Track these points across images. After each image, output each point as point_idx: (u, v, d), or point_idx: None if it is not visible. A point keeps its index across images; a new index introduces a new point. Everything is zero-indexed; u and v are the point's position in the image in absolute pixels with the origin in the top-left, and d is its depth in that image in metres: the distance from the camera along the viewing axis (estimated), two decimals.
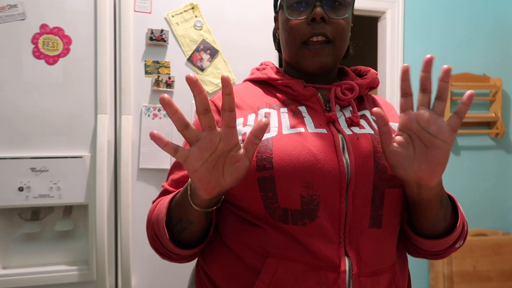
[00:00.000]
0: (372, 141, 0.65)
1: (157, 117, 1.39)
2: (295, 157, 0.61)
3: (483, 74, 2.27)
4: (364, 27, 2.57)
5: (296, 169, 0.61)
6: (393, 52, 2.15)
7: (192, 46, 1.42)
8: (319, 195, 0.61)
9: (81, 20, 1.32)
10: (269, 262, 0.61)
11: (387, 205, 0.64)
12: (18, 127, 1.28)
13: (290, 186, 0.61)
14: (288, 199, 0.61)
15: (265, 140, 0.64)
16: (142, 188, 1.38)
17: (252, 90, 0.76)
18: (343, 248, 0.61)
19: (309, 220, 0.61)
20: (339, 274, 0.59)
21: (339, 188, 0.61)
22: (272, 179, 0.61)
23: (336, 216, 0.61)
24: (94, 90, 1.33)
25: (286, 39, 0.73)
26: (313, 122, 0.67)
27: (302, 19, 0.69)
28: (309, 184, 0.61)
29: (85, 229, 1.37)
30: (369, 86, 0.76)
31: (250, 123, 0.67)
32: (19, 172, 1.26)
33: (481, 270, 2.11)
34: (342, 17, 0.70)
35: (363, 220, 0.62)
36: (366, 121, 0.70)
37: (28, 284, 1.28)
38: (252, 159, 0.62)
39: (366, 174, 0.62)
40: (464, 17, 2.24)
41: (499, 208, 2.32)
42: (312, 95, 0.71)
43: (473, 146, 2.28)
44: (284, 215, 0.61)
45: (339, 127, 0.67)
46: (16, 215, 1.33)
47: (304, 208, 0.61)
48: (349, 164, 0.62)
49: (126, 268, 1.31)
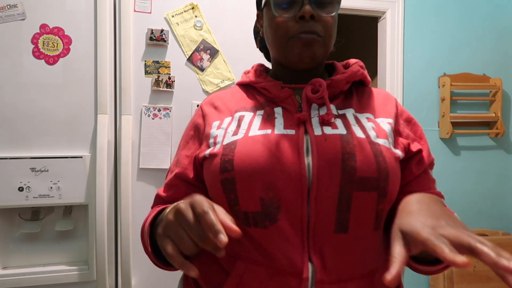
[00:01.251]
0: (341, 141, 0.62)
1: (157, 117, 1.39)
2: (255, 159, 0.60)
3: (483, 74, 2.27)
4: (364, 27, 2.57)
5: (256, 171, 0.60)
6: (393, 52, 2.15)
7: (192, 46, 1.42)
8: (280, 198, 0.59)
9: (81, 20, 1.32)
10: (238, 265, 0.62)
11: (356, 209, 0.60)
12: (18, 127, 1.28)
13: (250, 188, 0.60)
14: (248, 201, 0.60)
15: (230, 143, 0.64)
16: (142, 188, 1.38)
17: (236, 94, 0.76)
18: (307, 253, 0.59)
19: (270, 222, 0.60)
20: (301, 280, 0.58)
21: (300, 192, 0.59)
22: (233, 180, 0.61)
23: (298, 220, 0.59)
24: (94, 90, 1.33)
25: (272, 36, 0.71)
26: (283, 123, 0.66)
27: (290, 17, 0.67)
28: (269, 186, 0.59)
29: (85, 229, 1.37)
30: (348, 80, 0.72)
31: (223, 126, 0.69)
32: (19, 172, 1.26)
33: (481, 270, 2.11)
34: (330, 14, 0.68)
35: (328, 224, 0.60)
36: (343, 121, 0.67)
37: (28, 284, 1.28)
38: (217, 161, 0.63)
39: (331, 177, 0.60)
40: (464, 17, 2.24)
41: (499, 208, 2.32)
42: (287, 97, 0.70)
43: (473, 146, 2.28)
44: (245, 218, 0.61)
45: (309, 127, 0.65)
46: (16, 215, 1.33)
47: (265, 210, 0.60)
48: (310, 167, 0.60)
49: (126, 268, 1.31)
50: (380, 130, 0.67)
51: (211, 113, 0.73)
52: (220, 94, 0.78)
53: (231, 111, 0.71)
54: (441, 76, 2.22)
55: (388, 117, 0.71)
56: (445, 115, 2.17)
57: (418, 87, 2.20)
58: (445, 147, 2.25)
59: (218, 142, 0.66)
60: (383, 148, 0.63)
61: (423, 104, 2.21)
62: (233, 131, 0.67)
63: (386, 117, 0.71)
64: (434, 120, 2.23)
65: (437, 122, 2.23)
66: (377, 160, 0.61)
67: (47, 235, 1.36)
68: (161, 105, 1.40)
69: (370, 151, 0.62)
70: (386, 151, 0.63)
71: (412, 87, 2.19)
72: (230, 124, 0.68)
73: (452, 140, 2.25)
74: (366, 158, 0.61)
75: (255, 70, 0.78)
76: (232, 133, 0.66)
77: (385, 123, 0.69)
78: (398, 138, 0.70)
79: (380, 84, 2.23)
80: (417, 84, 2.20)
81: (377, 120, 0.70)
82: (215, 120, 0.71)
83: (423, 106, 2.21)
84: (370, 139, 0.64)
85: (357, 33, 2.82)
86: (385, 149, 0.64)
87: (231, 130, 0.67)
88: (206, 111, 0.74)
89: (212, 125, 0.70)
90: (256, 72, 0.78)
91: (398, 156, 0.66)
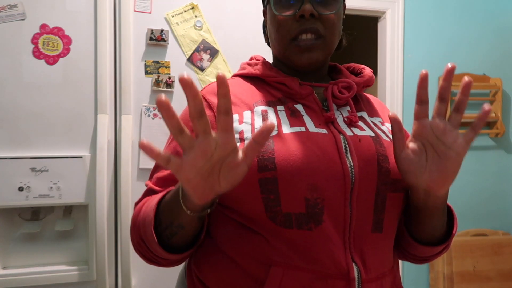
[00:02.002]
0: (375, 144, 0.63)
1: (157, 117, 1.39)
2: (299, 158, 0.58)
3: (483, 74, 2.28)
4: (364, 27, 2.57)
5: (301, 171, 0.58)
6: (393, 52, 2.15)
7: (192, 46, 1.42)
8: (324, 199, 0.58)
9: (81, 20, 1.32)
10: (274, 272, 0.57)
11: (389, 209, 0.62)
12: (18, 127, 1.28)
13: (295, 188, 0.58)
14: (292, 202, 0.58)
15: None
16: (142, 188, 1.38)
17: (244, 86, 0.71)
18: (349, 254, 0.59)
19: (315, 224, 0.58)
20: (349, 281, 0.57)
21: (343, 192, 0.59)
22: (275, 180, 0.57)
23: (341, 221, 0.59)
24: (94, 90, 1.33)
25: (274, 35, 0.70)
26: (312, 121, 0.64)
27: (290, 15, 0.66)
28: (314, 186, 0.58)
29: (85, 229, 1.37)
30: (365, 84, 0.73)
31: (246, 121, 0.63)
32: (19, 172, 1.26)
33: (481, 270, 2.11)
34: (332, 11, 0.66)
35: (367, 224, 0.60)
36: (365, 123, 0.68)
37: (28, 284, 1.28)
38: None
39: (370, 178, 0.60)
40: (464, 17, 2.24)
41: (499, 208, 2.32)
42: (309, 94, 0.68)
43: (473, 146, 2.28)
44: (286, 220, 0.58)
45: (339, 127, 0.64)
46: (16, 215, 1.33)
47: (309, 211, 0.58)
48: (352, 167, 0.60)
49: (126, 268, 1.31)
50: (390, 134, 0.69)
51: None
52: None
53: (248, 105, 0.67)
54: (441, 76, 2.22)
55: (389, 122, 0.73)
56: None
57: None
58: None
59: (247, 138, 0.61)
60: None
61: None
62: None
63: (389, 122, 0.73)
64: None
65: None
66: None
67: (47, 235, 1.36)
68: None
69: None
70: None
71: (412, 87, 2.19)
72: (253, 118, 0.64)
73: None
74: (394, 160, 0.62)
75: (264, 63, 0.74)
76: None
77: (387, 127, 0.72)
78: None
79: (380, 84, 2.23)
80: None
81: (386, 125, 0.72)
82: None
83: None
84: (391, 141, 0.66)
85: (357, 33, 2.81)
86: None
87: (259, 126, 0.62)
88: (214, 102, 0.67)
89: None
90: (266, 65, 0.73)
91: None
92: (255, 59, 0.77)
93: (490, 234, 2.21)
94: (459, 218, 2.21)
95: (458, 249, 2.10)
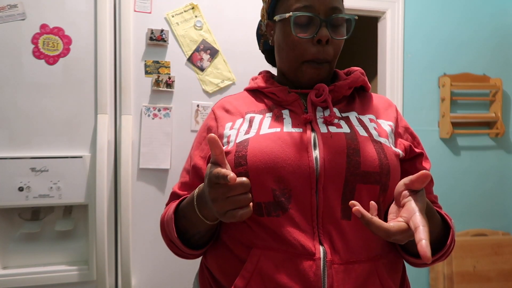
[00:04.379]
0: (346, 139, 0.69)
1: (157, 117, 1.39)
2: (266, 154, 0.67)
3: (483, 74, 2.28)
4: (364, 27, 2.57)
5: (268, 165, 0.66)
6: (393, 52, 2.15)
7: (192, 46, 1.42)
8: (291, 189, 0.66)
9: (81, 20, 1.32)
10: (253, 252, 0.67)
11: (358, 199, 0.66)
12: (18, 127, 1.28)
13: (262, 181, 0.66)
14: (261, 192, 0.66)
15: (243, 140, 0.70)
16: (142, 188, 1.38)
17: (246, 99, 0.83)
18: (318, 237, 0.65)
19: (282, 212, 0.66)
20: (314, 261, 0.64)
21: (309, 182, 0.66)
22: (247, 174, 0.66)
23: (308, 208, 0.66)
24: (94, 90, 1.33)
25: (287, 54, 0.77)
26: (291, 123, 0.73)
27: (308, 38, 0.73)
28: (280, 178, 0.66)
29: (85, 229, 1.37)
30: (350, 86, 0.79)
31: (235, 126, 0.75)
32: (19, 172, 1.26)
33: (481, 270, 2.11)
34: (343, 37, 0.75)
35: (335, 212, 0.66)
36: (347, 122, 0.73)
37: (28, 284, 1.28)
38: (231, 157, 0.69)
39: (337, 169, 0.66)
40: (464, 17, 2.24)
41: (499, 208, 2.32)
42: (294, 100, 0.76)
43: (473, 146, 2.28)
44: (258, 208, 0.67)
45: (315, 126, 0.72)
46: (16, 215, 1.33)
47: (276, 200, 0.66)
48: (318, 159, 0.67)
49: (126, 268, 1.31)
50: (381, 130, 0.74)
51: (223, 116, 0.80)
52: (230, 99, 0.85)
53: (241, 114, 0.78)
54: (441, 76, 2.22)
55: (389, 120, 0.78)
56: (445, 115, 2.17)
57: (418, 87, 2.20)
58: (445, 147, 2.25)
59: (232, 141, 0.73)
60: (385, 146, 0.70)
61: (423, 104, 2.21)
62: (245, 130, 0.73)
63: (387, 120, 0.78)
64: (434, 120, 2.23)
65: (437, 122, 2.23)
66: (379, 157, 0.68)
67: (47, 235, 1.36)
68: (161, 105, 1.40)
69: (373, 148, 0.68)
70: (387, 149, 0.70)
71: (412, 87, 2.19)
72: (242, 124, 0.75)
73: (452, 140, 2.25)
74: (369, 154, 0.67)
75: (263, 77, 0.85)
76: (244, 132, 0.73)
77: (386, 125, 0.76)
78: (398, 139, 0.77)
79: (380, 84, 2.23)
80: (417, 84, 2.20)
81: (378, 120, 0.77)
82: (227, 122, 0.78)
83: (423, 106, 2.21)
84: (373, 137, 0.71)
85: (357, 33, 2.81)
86: (386, 147, 0.70)
87: (243, 130, 0.73)
88: (218, 115, 0.81)
89: (225, 126, 0.77)
90: (264, 78, 0.84)
91: (398, 154, 0.73)
92: (260, 75, 0.88)
93: (490, 234, 2.21)
94: (459, 218, 2.21)
95: (458, 249, 2.10)
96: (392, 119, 0.79)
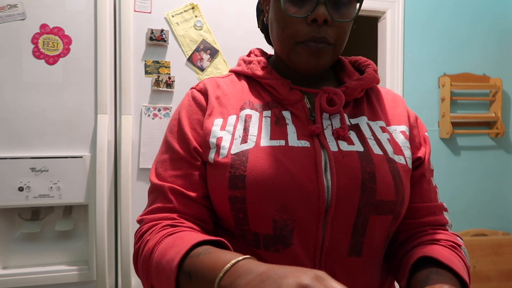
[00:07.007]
0: (361, 160, 0.58)
1: (157, 117, 1.39)
2: (270, 177, 0.55)
3: (483, 74, 2.27)
4: (364, 27, 2.57)
5: (270, 191, 0.55)
6: (393, 52, 2.15)
7: (192, 46, 1.42)
8: (294, 220, 0.55)
9: (81, 20, 1.32)
10: None
11: (371, 232, 0.58)
12: (18, 127, 1.28)
13: (262, 209, 0.55)
14: (259, 222, 0.56)
15: (240, 152, 0.58)
16: (142, 188, 1.38)
17: (237, 85, 0.68)
18: None
19: (283, 246, 0.56)
20: None
21: (316, 214, 0.56)
22: (244, 200, 0.56)
23: (312, 244, 0.56)
24: (94, 90, 1.33)
25: (278, 34, 0.62)
26: (296, 132, 0.60)
27: (301, 17, 0.58)
28: (284, 207, 0.55)
29: (85, 229, 1.37)
30: (364, 88, 0.66)
31: (228, 128, 0.61)
32: (19, 172, 1.26)
33: (481, 270, 2.11)
34: (347, 19, 0.60)
35: (342, 248, 0.57)
36: (357, 134, 0.62)
37: (28, 284, 1.28)
38: (225, 174, 0.57)
39: (350, 198, 0.56)
40: (464, 17, 2.24)
41: (499, 208, 2.32)
42: (297, 101, 0.63)
43: (473, 146, 2.28)
44: (255, 239, 0.57)
45: (323, 141, 0.59)
46: (16, 215, 1.33)
47: (277, 233, 0.56)
48: (329, 187, 0.56)
49: (126, 268, 1.31)
50: (395, 144, 0.63)
51: (213, 104, 0.64)
52: (220, 82, 0.69)
53: (235, 108, 0.64)
54: (441, 76, 2.22)
55: (400, 123, 0.67)
56: (445, 115, 2.17)
57: (418, 87, 2.20)
58: (445, 147, 2.25)
59: (224, 149, 0.59)
60: (400, 166, 0.61)
61: (423, 104, 2.21)
62: (241, 136, 0.60)
63: (399, 124, 0.67)
64: (434, 120, 2.23)
65: (437, 122, 2.23)
66: (395, 182, 0.58)
67: (47, 235, 1.35)
68: (161, 105, 1.40)
69: (389, 171, 0.59)
70: (402, 169, 0.61)
71: (412, 87, 2.19)
72: (236, 125, 0.62)
73: (452, 140, 2.25)
74: (385, 180, 0.58)
75: (259, 62, 0.69)
76: (240, 139, 0.60)
77: (398, 132, 0.66)
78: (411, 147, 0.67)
79: (380, 84, 2.22)
80: (417, 84, 2.20)
81: (390, 128, 0.66)
82: (217, 116, 0.63)
83: (423, 106, 2.21)
84: (388, 156, 0.61)
85: (357, 33, 2.81)
86: (401, 167, 0.61)
87: (238, 136, 0.60)
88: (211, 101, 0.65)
89: (214, 123, 0.62)
90: (259, 64, 0.69)
91: (409, 171, 0.63)
92: (253, 54, 0.73)
93: (490, 234, 2.21)
94: (459, 218, 2.21)
95: None
96: (404, 121, 0.67)
